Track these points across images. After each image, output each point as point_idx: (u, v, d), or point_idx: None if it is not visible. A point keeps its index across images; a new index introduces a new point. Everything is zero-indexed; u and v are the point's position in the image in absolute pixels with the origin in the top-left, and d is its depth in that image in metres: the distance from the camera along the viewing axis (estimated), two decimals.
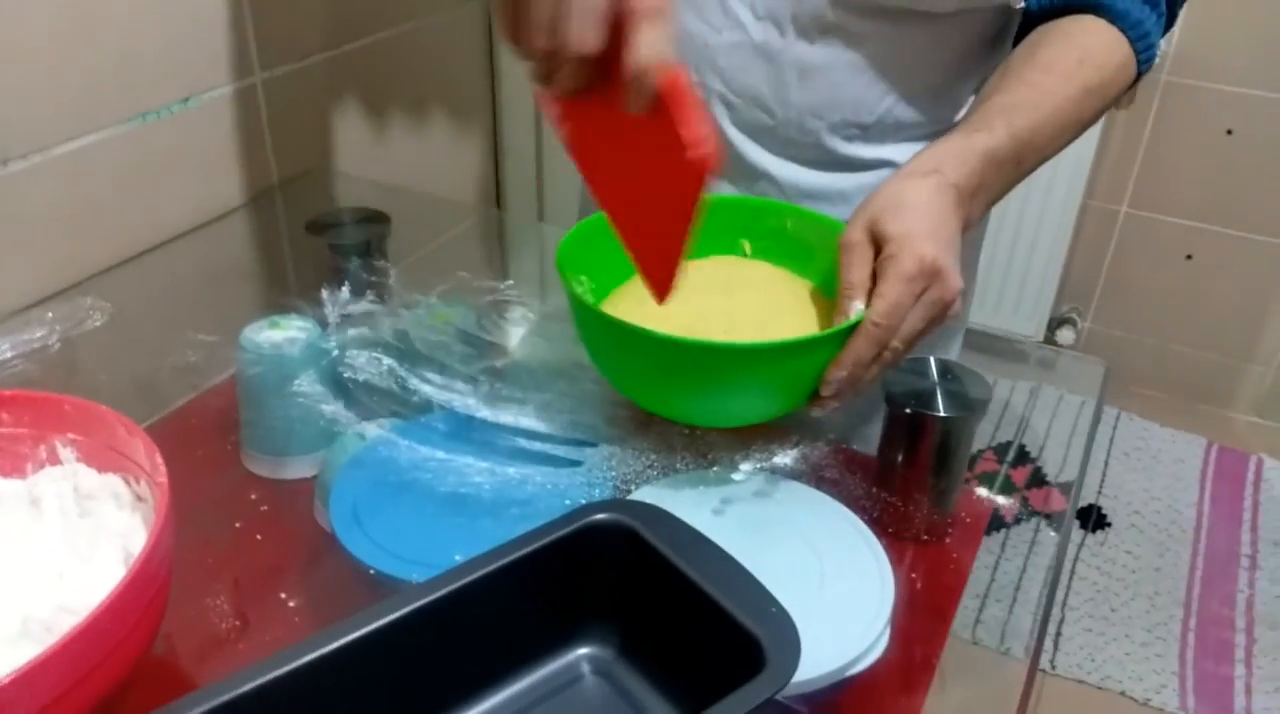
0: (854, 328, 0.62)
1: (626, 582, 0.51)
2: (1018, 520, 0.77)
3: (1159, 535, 1.81)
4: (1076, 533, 1.81)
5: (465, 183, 1.28)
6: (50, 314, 0.78)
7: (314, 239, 0.85)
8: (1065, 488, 2.01)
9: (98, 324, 0.78)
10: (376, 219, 0.86)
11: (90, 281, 0.84)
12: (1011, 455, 0.89)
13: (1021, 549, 0.72)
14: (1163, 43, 1.87)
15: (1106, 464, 1.97)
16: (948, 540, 0.69)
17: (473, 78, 1.23)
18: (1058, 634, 1.63)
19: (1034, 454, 1.01)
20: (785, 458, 0.68)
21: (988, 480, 0.75)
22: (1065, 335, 2.09)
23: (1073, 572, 1.74)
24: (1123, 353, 2.14)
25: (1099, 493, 1.90)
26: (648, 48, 0.47)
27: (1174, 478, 1.95)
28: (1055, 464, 2.07)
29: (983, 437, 0.79)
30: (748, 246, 0.77)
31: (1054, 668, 1.57)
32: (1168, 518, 1.85)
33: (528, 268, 0.98)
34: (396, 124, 1.13)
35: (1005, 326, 2.03)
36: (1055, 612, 1.66)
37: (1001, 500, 0.73)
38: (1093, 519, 1.84)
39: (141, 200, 0.87)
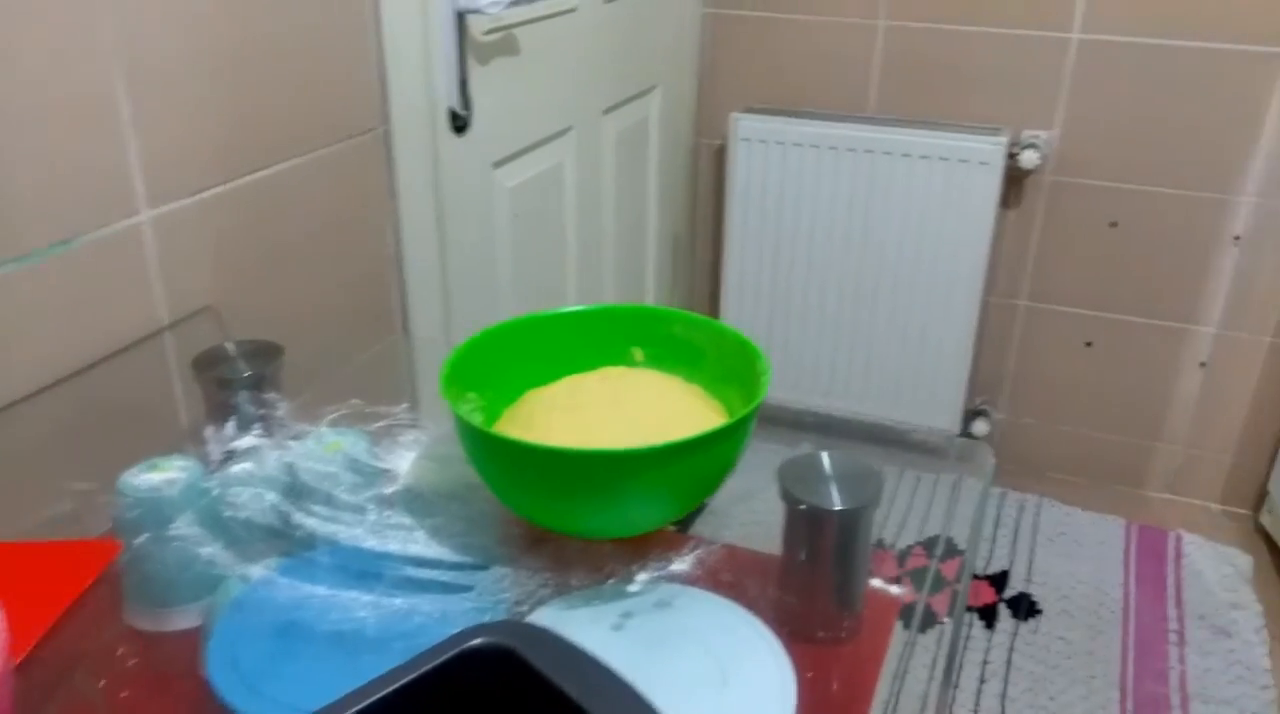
0: (739, 424, 0.62)
1: (509, 706, 0.49)
2: (950, 613, 0.77)
3: (1090, 619, 1.82)
4: (1009, 622, 1.81)
5: (369, 309, 1.28)
6: None
7: (202, 375, 0.84)
8: (995, 580, 2.01)
9: None
10: (268, 351, 0.85)
11: None
12: (940, 549, 0.89)
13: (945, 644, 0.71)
14: (1046, 144, 1.98)
15: (1033, 551, 1.99)
16: (854, 638, 0.68)
17: (374, 202, 1.25)
18: None
19: (961, 546, 1.02)
20: (683, 564, 0.68)
21: (918, 576, 0.75)
22: (980, 427, 2.13)
23: (1009, 663, 1.73)
24: (1038, 440, 2.19)
25: (1028, 580, 1.91)
26: None
27: (1098, 560, 1.97)
28: (982, 557, 2.08)
29: (910, 532, 0.79)
30: (639, 354, 0.78)
31: None
32: (1096, 600, 1.86)
33: (429, 389, 0.97)
34: (297, 254, 1.13)
35: (921, 422, 2.07)
36: (994, 704, 1.64)
37: (926, 594, 0.72)
38: (1024, 608, 1.84)
39: (18, 348, 0.85)
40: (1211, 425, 2.06)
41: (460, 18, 1.28)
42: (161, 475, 0.66)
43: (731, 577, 0.68)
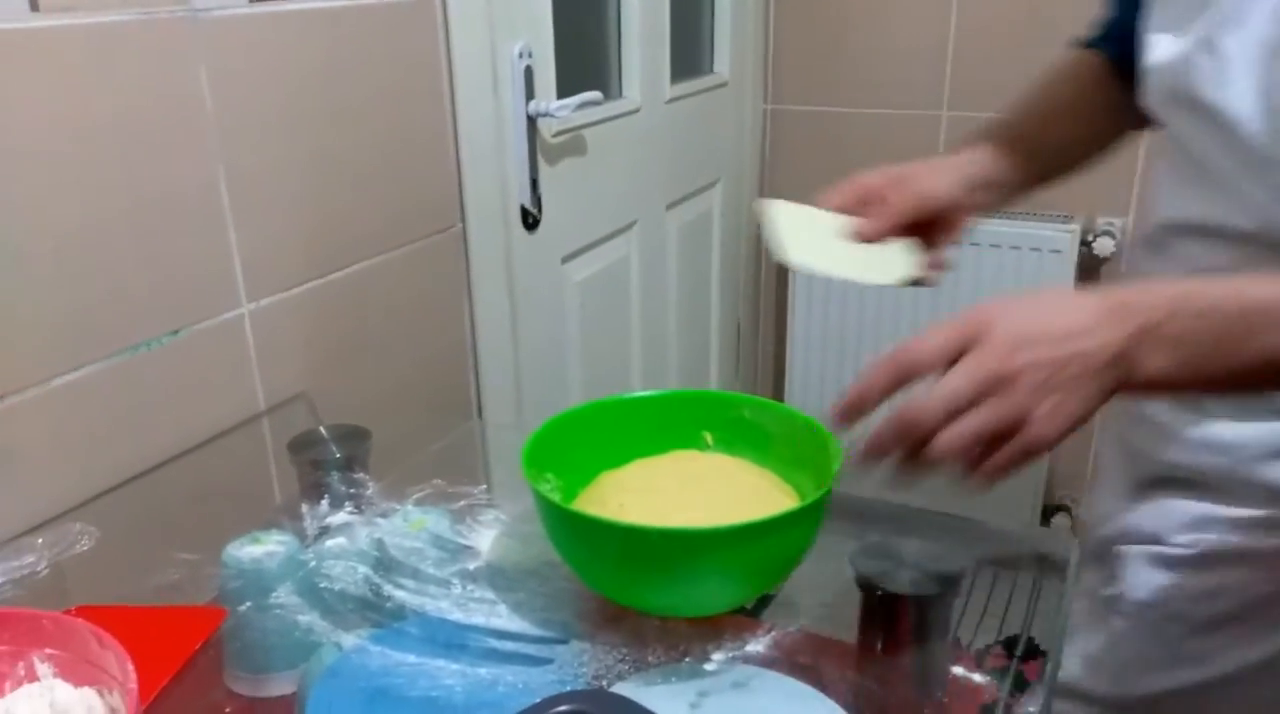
0: (813, 506, 0.64)
1: None
2: None
3: None
4: None
5: (446, 394, 1.33)
6: (40, 540, 0.80)
7: (297, 456, 0.88)
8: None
9: (86, 548, 0.80)
10: (357, 435, 0.89)
11: (80, 508, 0.86)
12: (1020, 649, 0.87)
13: None
14: (1121, 231, 1.90)
15: None
16: None
17: (452, 295, 1.31)
18: None
19: (1043, 646, 0.99)
20: (758, 645, 0.68)
21: (998, 675, 0.74)
22: (1061, 522, 2.09)
23: None
24: None
25: None
26: None
27: None
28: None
29: (988, 631, 0.79)
30: (709, 438, 0.80)
31: None
32: None
33: (503, 472, 1.00)
34: (380, 344, 1.19)
35: (999, 518, 2.03)
36: None
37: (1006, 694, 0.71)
38: None
39: (131, 428, 0.91)
40: None
41: (531, 121, 1.36)
42: (262, 548, 0.70)
43: (808, 659, 0.68)
